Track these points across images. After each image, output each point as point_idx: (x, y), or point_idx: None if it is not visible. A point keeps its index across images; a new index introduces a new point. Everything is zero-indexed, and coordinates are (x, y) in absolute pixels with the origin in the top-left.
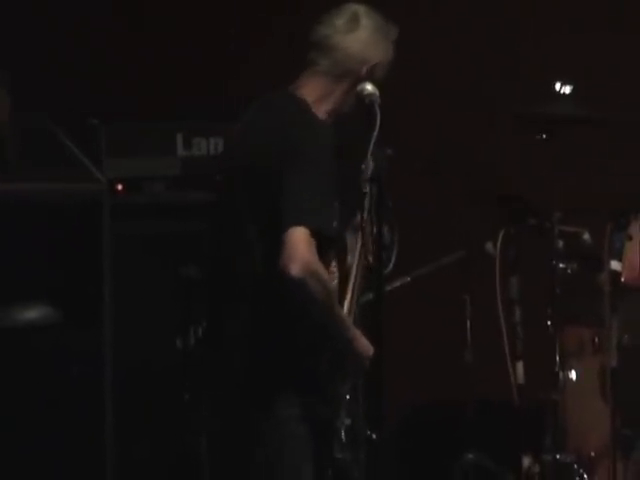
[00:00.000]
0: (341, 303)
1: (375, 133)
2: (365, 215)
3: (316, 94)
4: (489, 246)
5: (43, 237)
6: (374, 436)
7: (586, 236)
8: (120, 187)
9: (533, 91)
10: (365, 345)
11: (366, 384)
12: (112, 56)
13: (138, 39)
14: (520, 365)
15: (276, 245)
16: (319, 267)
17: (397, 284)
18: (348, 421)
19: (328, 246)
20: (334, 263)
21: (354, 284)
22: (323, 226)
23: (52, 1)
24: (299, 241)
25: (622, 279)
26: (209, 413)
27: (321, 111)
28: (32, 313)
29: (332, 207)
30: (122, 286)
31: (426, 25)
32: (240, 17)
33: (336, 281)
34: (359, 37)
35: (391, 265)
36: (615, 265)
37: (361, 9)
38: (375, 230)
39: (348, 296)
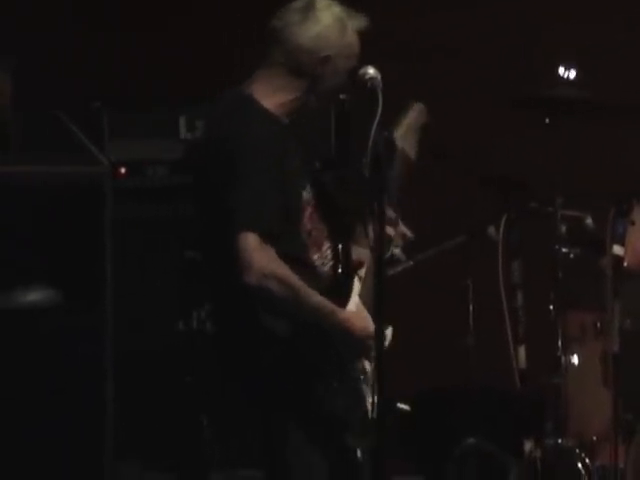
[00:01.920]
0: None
1: (377, 117)
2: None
3: (269, 87)
4: (491, 231)
5: (45, 220)
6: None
7: (588, 221)
8: (123, 170)
9: (536, 75)
10: (360, 324)
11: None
12: (115, 39)
13: (144, 23)
14: (522, 350)
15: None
16: (276, 267)
17: (399, 269)
18: (370, 400)
19: (292, 239)
20: (327, 246)
21: (369, 272)
22: (271, 227)
23: None
24: (249, 248)
25: (624, 264)
26: (211, 395)
27: (273, 104)
28: (34, 295)
29: (278, 204)
30: (124, 269)
31: (428, 11)
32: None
33: (329, 265)
34: (311, 29)
35: (399, 250)
36: (617, 250)
37: (318, 1)
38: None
39: (358, 286)
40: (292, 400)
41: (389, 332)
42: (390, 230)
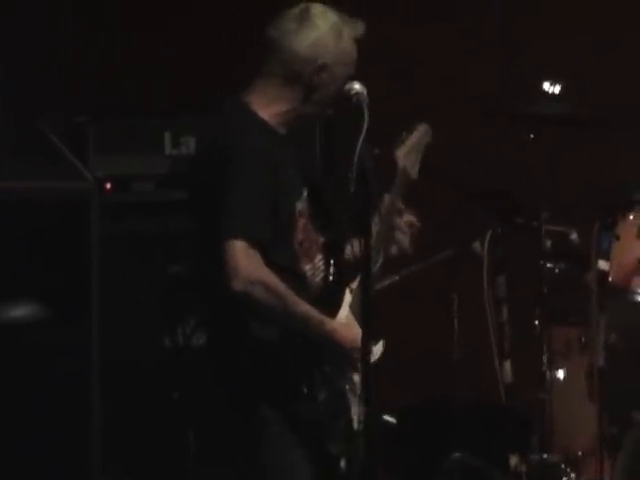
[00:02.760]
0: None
1: (363, 132)
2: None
3: (265, 98)
4: (476, 245)
5: (31, 235)
6: (390, 419)
7: (573, 236)
8: (108, 185)
9: (522, 91)
10: (348, 335)
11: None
12: (100, 54)
13: (128, 37)
14: (508, 364)
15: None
16: (263, 274)
17: (385, 283)
18: (355, 410)
19: (280, 248)
20: (319, 258)
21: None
22: (259, 235)
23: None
24: (236, 255)
25: (609, 279)
26: (197, 410)
27: (269, 115)
28: (20, 310)
29: (267, 213)
30: (110, 284)
31: (417, 23)
32: (232, 17)
33: (320, 276)
34: (306, 37)
35: (379, 263)
36: (602, 265)
37: (313, 8)
38: (363, 229)
39: (349, 297)
40: (276, 406)
41: (380, 346)
42: (397, 220)
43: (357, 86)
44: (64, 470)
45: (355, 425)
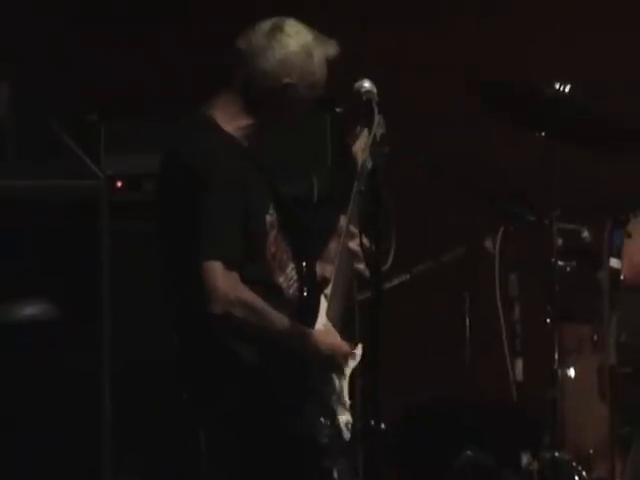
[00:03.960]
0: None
1: (373, 130)
2: (360, 213)
3: (228, 111)
4: (488, 243)
5: (42, 234)
6: (383, 426)
7: (585, 234)
8: (119, 184)
9: (533, 89)
10: (329, 341)
11: (364, 382)
12: (112, 52)
13: (140, 35)
14: (519, 362)
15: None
16: (241, 293)
17: (396, 282)
18: (344, 418)
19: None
20: (291, 267)
21: (334, 290)
22: (234, 255)
23: None
24: (213, 277)
25: (621, 277)
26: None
27: (234, 128)
28: (30, 309)
29: (240, 232)
30: (120, 283)
31: (425, 24)
32: (243, 15)
33: (294, 286)
34: (273, 55)
35: (389, 263)
36: (614, 263)
37: (287, 25)
38: (373, 229)
39: (325, 304)
40: (263, 427)
41: (359, 351)
42: (353, 245)
43: (367, 84)
44: (75, 469)
45: (344, 435)
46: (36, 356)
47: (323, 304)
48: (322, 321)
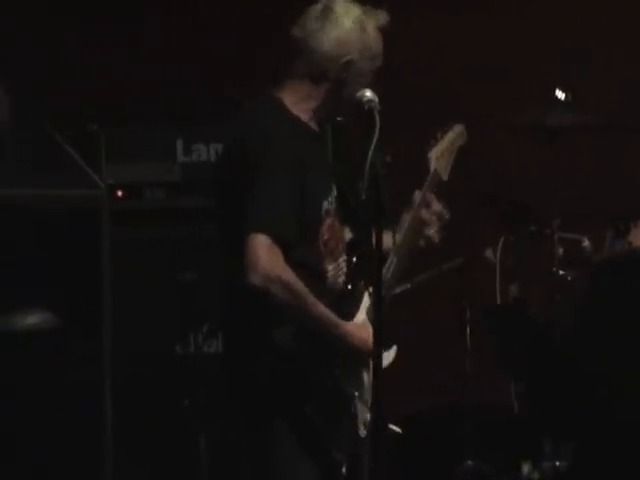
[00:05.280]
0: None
1: (374, 139)
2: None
3: (296, 96)
4: (489, 253)
5: (43, 243)
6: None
7: (586, 243)
8: (120, 193)
9: (533, 98)
10: (362, 336)
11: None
12: (112, 61)
13: (140, 44)
14: None
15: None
16: (282, 272)
17: (397, 291)
18: (362, 416)
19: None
20: (343, 258)
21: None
22: (283, 233)
23: (51, 5)
24: (257, 249)
25: None
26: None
27: (302, 111)
28: (32, 318)
29: (294, 212)
30: (122, 292)
31: (431, 32)
32: (243, 25)
33: (342, 277)
34: (329, 36)
35: (390, 272)
36: None
37: (335, 4)
38: (374, 237)
39: (367, 299)
40: (286, 415)
41: (392, 351)
42: (424, 213)
43: (369, 93)
44: (76, 478)
45: (361, 432)
46: (37, 365)
47: (366, 301)
48: (361, 317)
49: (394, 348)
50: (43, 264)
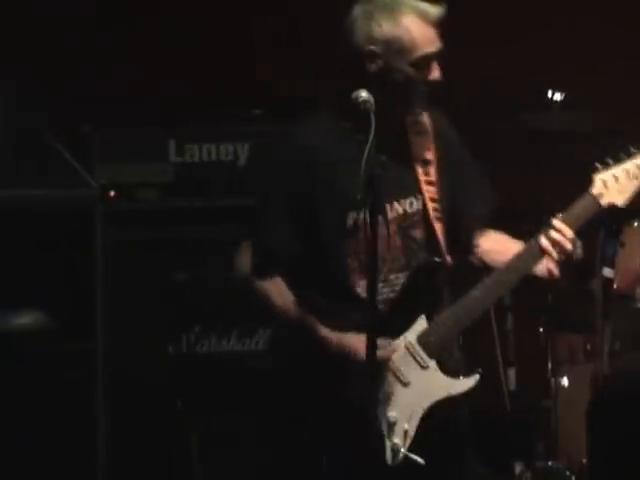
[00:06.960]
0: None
1: (370, 139)
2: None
3: None
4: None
5: (35, 243)
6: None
7: (578, 243)
8: (112, 193)
9: (528, 100)
10: (343, 347)
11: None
12: (104, 62)
13: (132, 45)
14: (512, 372)
15: None
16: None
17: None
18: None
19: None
20: (398, 275)
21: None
22: (273, 270)
23: (43, 6)
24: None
25: (614, 286)
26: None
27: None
28: (24, 318)
29: (284, 224)
30: (115, 292)
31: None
32: (237, 26)
33: (390, 295)
34: (358, 27)
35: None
36: (607, 272)
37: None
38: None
39: (422, 324)
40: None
41: (473, 380)
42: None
43: (364, 94)
44: (69, 478)
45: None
46: (30, 366)
47: (419, 325)
48: (405, 341)
49: (475, 377)
50: (35, 264)
